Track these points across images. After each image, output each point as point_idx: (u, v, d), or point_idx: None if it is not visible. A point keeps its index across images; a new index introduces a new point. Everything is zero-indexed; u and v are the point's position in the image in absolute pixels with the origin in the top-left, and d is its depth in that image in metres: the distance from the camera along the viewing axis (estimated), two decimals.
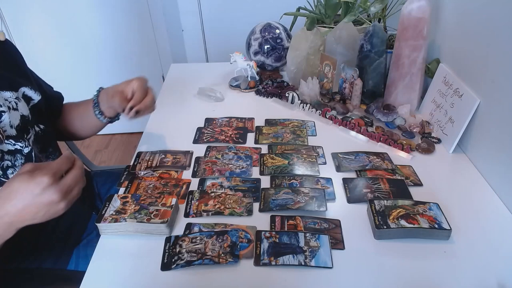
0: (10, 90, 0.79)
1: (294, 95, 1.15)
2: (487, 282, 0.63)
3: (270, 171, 0.88)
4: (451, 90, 0.95)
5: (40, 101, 0.86)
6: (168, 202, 0.75)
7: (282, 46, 1.30)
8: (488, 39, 0.83)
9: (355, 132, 1.01)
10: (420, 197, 0.78)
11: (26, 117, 0.81)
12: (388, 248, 0.69)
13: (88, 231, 0.99)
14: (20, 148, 0.77)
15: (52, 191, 0.55)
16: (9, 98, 0.78)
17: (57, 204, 0.57)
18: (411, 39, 1.00)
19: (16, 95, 0.80)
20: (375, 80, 1.08)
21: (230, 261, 0.66)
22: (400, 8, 1.02)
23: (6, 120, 0.75)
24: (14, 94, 0.79)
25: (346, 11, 1.22)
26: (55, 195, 0.55)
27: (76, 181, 0.59)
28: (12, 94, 0.78)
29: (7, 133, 0.75)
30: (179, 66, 1.50)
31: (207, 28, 2.17)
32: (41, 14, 2.08)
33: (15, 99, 0.79)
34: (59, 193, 0.56)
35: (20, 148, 0.77)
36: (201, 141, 1.00)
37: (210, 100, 1.21)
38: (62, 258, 0.91)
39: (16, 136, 0.77)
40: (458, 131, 0.89)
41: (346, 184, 0.83)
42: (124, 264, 0.67)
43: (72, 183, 0.58)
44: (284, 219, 0.74)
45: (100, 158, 2.37)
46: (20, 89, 0.82)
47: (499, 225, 0.73)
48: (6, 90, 0.78)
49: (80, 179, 0.60)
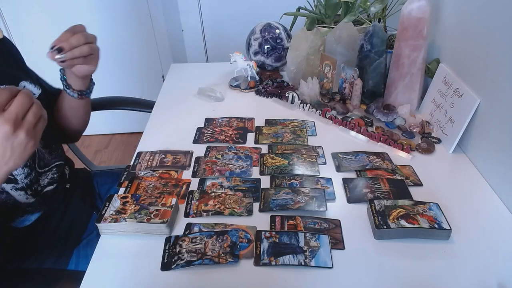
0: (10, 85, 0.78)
1: (294, 95, 1.15)
2: (487, 282, 0.63)
3: (270, 171, 0.88)
4: (451, 90, 0.95)
5: (41, 95, 0.86)
6: (168, 202, 0.75)
7: (282, 46, 1.30)
8: (488, 39, 0.83)
9: (355, 132, 1.01)
10: (420, 197, 0.78)
11: None
12: (388, 248, 0.69)
13: (88, 231, 0.99)
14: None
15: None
16: None
17: (15, 135, 0.54)
18: (411, 39, 1.00)
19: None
20: (375, 80, 1.08)
21: (230, 261, 0.66)
22: (400, 8, 1.02)
23: None
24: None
25: (346, 11, 1.22)
26: (4, 127, 0.53)
27: (23, 106, 0.55)
28: None
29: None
30: (179, 66, 1.50)
31: (207, 28, 2.18)
32: (41, 14, 2.08)
33: None
34: (7, 123, 0.53)
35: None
36: (201, 141, 1.00)
37: (210, 100, 1.21)
38: (62, 258, 0.92)
39: None
40: (458, 131, 0.89)
41: (346, 184, 0.83)
42: (124, 264, 0.67)
43: (19, 109, 0.55)
44: (284, 219, 0.74)
45: (100, 158, 2.37)
46: (21, 83, 0.82)
47: (499, 225, 0.73)
48: (6, 84, 0.78)
49: (27, 103, 0.56)
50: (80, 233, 0.98)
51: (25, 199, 0.82)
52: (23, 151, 0.56)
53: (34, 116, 0.57)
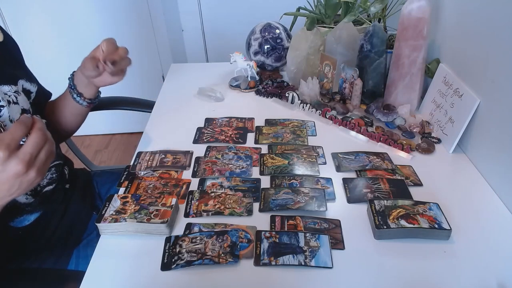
0: (9, 84, 0.78)
1: (294, 95, 1.15)
2: (487, 282, 0.63)
3: (270, 171, 0.88)
4: (451, 90, 0.95)
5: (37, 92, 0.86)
6: (168, 202, 0.75)
7: (282, 46, 1.30)
8: (488, 39, 0.83)
9: (355, 132, 1.01)
10: (420, 197, 0.78)
11: (27, 111, 0.80)
12: (388, 248, 0.69)
13: (88, 231, 0.99)
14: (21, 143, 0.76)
15: (12, 164, 0.54)
16: (8, 92, 0.77)
17: (27, 174, 0.55)
18: (411, 39, 1.00)
19: (15, 88, 0.79)
20: (375, 80, 1.08)
21: (230, 261, 0.66)
22: (400, 8, 1.02)
23: (6, 115, 0.75)
24: (14, 87, 0.79)
25: (346, 11, 1.22)
26: (18, 167, 0.54)
27: (37, 146, 0.56)
28: (11, 88, 0.78)
29: (7, 128, 0.75)
30: (179, 66, 1.50)
31: (207, 28, 2.18)
32: (41, 14, 2.08)
33: (14, 93, 0.78)
34: (21, 163, 0.54)
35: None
36: (201, 141, 1.00)
37: (210, 100, 1.21)
38: (62, 258, 0.92)
39: None
40: (458, 131, 0.89)
41: (346, 184, 0.83)
42: (124, 264, 0.67)
43: (34, 149, 0.55)
44: (284, 219, 0.74)
45: (100, 158, 2.37)
46: (19, 82, 0.82)
47: (499, 225, 0.73)
48: (5, 84, 0.78)
49: (42, 142, 0.57)
50: (80, 233, 0.98)
51: (24, 199, 0.82)
52: (29, 186, 0.58)
53: (46, 155, 0.58)
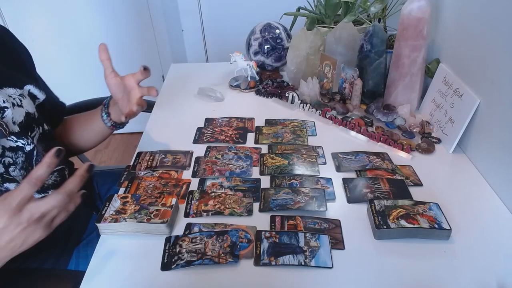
0: (14, 87, 0.78)
1: (294, 95, 1.15)
2: (487, 282, 0.63)
3: (270, 171, 0.88)
4: (451, 90, 0.95)
5: (45, 100, 0.86)
6: (168, 202, 0.75)
7: (282, 46, 1.30)
8: (488, 39, 0.83)
9: (355, 132, 1.01)
10: (420, 197, 0.78)
11: (31, 114, 0.80)
12: (388, 248, 0.69)
13: (88, 231, 0.99)
14: (22, 146, 0.76)
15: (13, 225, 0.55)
16: (13, 95, 0.77)
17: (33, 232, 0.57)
18: (411, 39, 1.00)
19: (20, 92, 0.79)
20: (375, 80, 1.08)
21: (230, 261, 0.66)
22: (400, 8, 1.02)
23: (9, 116, 0.75)
24: (18, 91, 0.79)
25: (346, 11, 1.22)
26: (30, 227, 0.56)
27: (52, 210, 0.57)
28: (15, 91, 0.78)
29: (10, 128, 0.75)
30: (179, 66, 1.50)
31: (207, 28, 2.17)
32: (41, 14, 2.08)
33: (19, 96, 0.78)
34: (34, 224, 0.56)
35: (22, 145, 0.76)
36: (201, 141, 1.00)
37: (210, 100, 1.21)
38: (62, 258, 0.91)
39: (19, 133, 0.76)
40: (458, 131, 0.89)
41: (346, 184, 0.83)
42: (124, 264, 0.67)
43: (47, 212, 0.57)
44: (284, 219, 0.74)
45: (100, 158, 2.37)
46: (25, 87, 0.82)
47: (499, 225, 0.73)
48: (10, 86, 0.78)
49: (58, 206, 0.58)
50: (80, 233, 0.98)
51: None
52: (35, 241, 0.59)
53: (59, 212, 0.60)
